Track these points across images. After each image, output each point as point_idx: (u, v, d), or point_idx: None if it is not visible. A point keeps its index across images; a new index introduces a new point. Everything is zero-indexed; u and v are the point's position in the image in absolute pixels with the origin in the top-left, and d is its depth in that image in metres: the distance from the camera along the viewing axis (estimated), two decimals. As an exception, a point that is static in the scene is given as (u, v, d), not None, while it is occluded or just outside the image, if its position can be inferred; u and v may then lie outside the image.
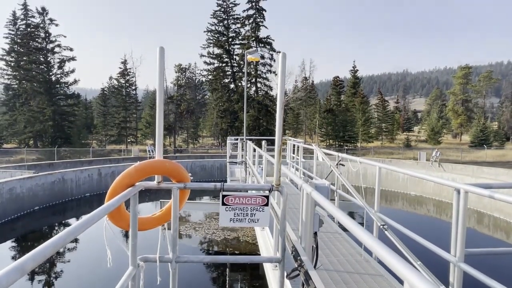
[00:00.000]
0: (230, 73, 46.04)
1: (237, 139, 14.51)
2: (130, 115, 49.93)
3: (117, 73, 49.61)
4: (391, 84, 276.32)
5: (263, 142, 9.92)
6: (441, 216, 17.92)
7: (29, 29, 41.00)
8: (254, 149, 9.46)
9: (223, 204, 2.70)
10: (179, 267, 2.80)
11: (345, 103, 54.66)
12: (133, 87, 50.44)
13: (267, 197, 2.75)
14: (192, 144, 54.77)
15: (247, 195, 2.73)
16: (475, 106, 64.19)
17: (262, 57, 42.43)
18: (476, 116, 59.08)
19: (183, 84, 52.60)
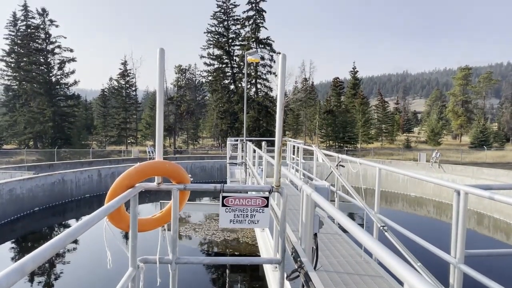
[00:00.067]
0: (230, 74, 46.07)
1: (237, 140, 14.52)
2: (130, 116, 49.96)
3: (117, 74, 49.69)
4: (391, 85, 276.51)
5: (263, 143, 9.91)
6: (441, 217, 17.92)
7: (29, 30, 41.04)
8: (254, 150, 9.46)
9: (223, 205, 2.70)
10: (179, 268, 2.79)
11: (345, 104, 54.70)
12: (133, 88, 50.49)
13: (267, 198, 2.75)
14: (192, 145, 54.77)
15: (247, 196, 2.73)
16: (475, 107, 64.23)
17: (262, 58, 42.47)
18: (476, 117, 59.11)
19: (183, 85, 52.64)
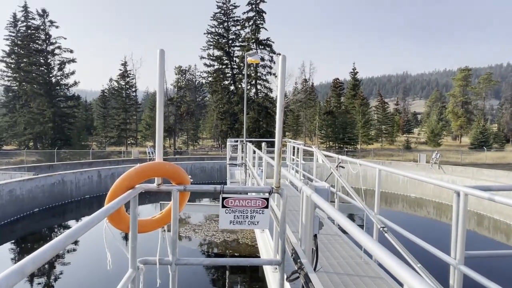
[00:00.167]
0: (230, 75, 46.10)
1: (237, 141, 14.51)
2: (130, 117, 49.99)
3: (117, 75, 49.75)
4: (391, 86, 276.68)
5: (263, 144, 9.91)
6: (441, 218, 17.91)
7: (29, 31, 41.07)
8: (254, 151, 9.46)
9: (223, 206, 2.71)
10: (179, 269, 2.79)
11: (345, 105, 54.74)
12: (133, 89, 50.54)
13: (267, 199, 2.75)
14: (192, 146, 54.78)
15: (247, 197, 2.73)
16: (474, 108, 64.27)
17: (262, 59, 42.51)
18: (476, 118, 59.13)
19: (183, 86, 52.66)
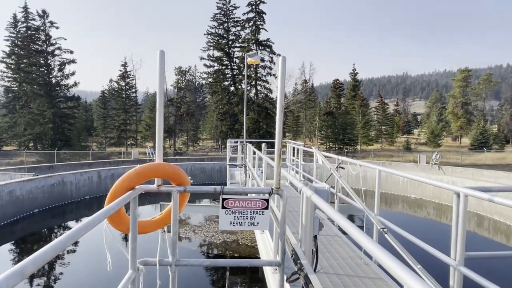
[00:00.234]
0: (230, 75, 46.11)
1: (237, 141, 14.50)
2: (130, 118, 50.00)
3: (117, 75, 49.74)
4: (391, 87, 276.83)
5: (263, 145, 9.91)
6: (441, 219, 17.91)
7: (29, 32, 41.10)
8: (254, 151, 9.46)
9: (223, 207, 2.71)
10: (179, 270, 2.79)
11: (345, 106, 54.74)
12: (133, 90, 50.55)
13: (267, 200, 2.75)
14: (192, 146, 54.77)
15: (247, 198, 2.73)
16: (474, 109, 64.29)
17: (262, 60, 42.51)
18: (476, 119, 59.15)
19: (183, 86, 52.68)
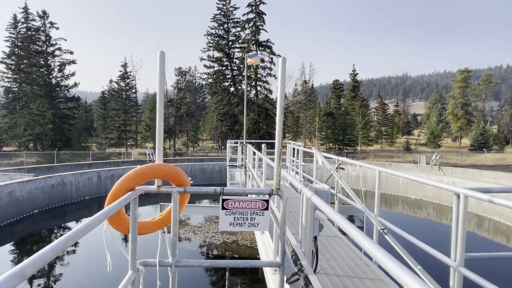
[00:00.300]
0: (230, 76, 46.12)
1: (237, 142, 14.50)
2: (130, 118, 50.01)
3: (117, 76, 49.77)
4: (391, 88, 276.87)
5: (263, 146, 9.91)
6: (441, 219, 17.90)
7: (29, 32, 41.10)
8: (254, 152, 9.46)
9: (223, 208, 2.70)
10: (179, 271, 2.79)
11: (345, 107, 54.75)
12: (133, 90, 50.57)
13: (267, 201, 2.75)
14: (192, 147, 54.75)
15: (247, 199, 2.73)
16: (474, 109, 64.31)
17: (262, 61, 42.53)
18: (476, 119, 59.15)
19: (183, 87, 52.72)
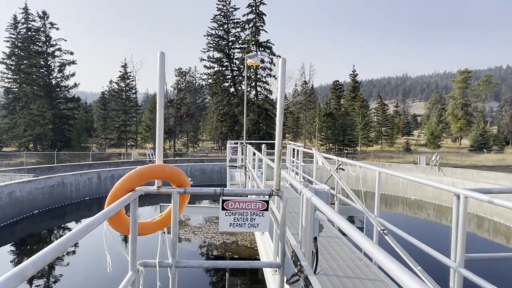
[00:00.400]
0: (230, 77, 46.13)
1: (237, 143, 14.51)
2: (130, 119, 50.01)
3: (117, 76, 49.78)
4: (391, 88, 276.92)
5: (263, 146, 9.91)
6: (441, 220, 17.90)
7: (29, 33, 41.12)
8: (254, 153, 9.45)
9: (223, 209, 2.70)
10: (179, 271, 2.79)
11: (345, 107, 54.74)
12: (133, 91, 50.58)
13: (267, 202, 2.74)
14: (192, 147, 54.75)
15: (247, 200, 2.73)
16: (474, 110, 64.32)
17: (262, 61, 42.53)
18: (476, 120, 59.13)
19: (183, 88, 52.75)
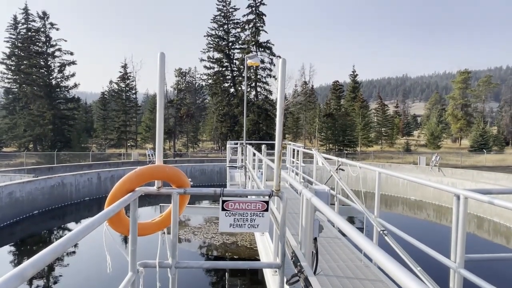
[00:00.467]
0: (230, 77, 46.15)
1: (236, 143, 14.50)
2: (130, 119, 50.03)
3: (117, 77, 49.86)
4: (391, 89, 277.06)
5: (263, 147, 9.91)
6: (441, 221, 17.89)
7: (29, 33, 41.15)
8: (254, 153, 9.45)
9: (223, 209, 2.70)
10: (179, 272, 2.79)
11: (345, 108, 54.74)
12: (133, 91, 50.62)
13: (267, 202, 2.74)
14: (192, 148, 54.74)
15: (247, 200, 2.73)
16: (474, 110, 64.33)
17: (262, 62, 42.57)
18: (476, 120, 59.12)
19: (183, 88, 52.74)
